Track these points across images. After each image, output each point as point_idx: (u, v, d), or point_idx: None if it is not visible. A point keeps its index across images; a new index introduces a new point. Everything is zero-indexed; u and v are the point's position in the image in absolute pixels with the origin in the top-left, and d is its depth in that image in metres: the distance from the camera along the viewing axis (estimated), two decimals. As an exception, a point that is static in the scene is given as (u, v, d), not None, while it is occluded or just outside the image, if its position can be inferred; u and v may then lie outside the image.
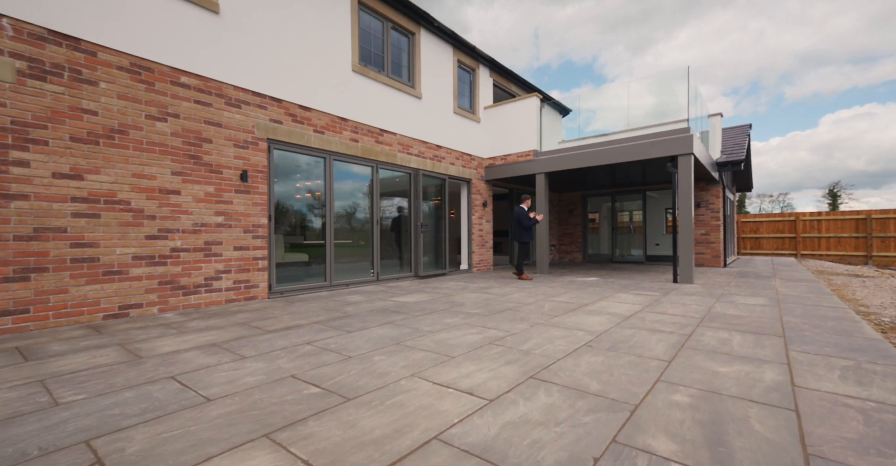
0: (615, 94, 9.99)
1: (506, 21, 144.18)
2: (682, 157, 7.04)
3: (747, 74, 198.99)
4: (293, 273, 5.94)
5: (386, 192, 7.58)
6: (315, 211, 6.16)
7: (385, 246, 7.60)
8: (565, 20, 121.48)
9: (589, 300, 5.33)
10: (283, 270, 5.82)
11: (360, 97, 6.71)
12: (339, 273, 6.50)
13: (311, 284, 5.97)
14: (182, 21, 4.48)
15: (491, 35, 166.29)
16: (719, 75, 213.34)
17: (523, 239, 7.82)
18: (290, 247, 6.00)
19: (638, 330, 3.63)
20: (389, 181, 7.59)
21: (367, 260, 7.02)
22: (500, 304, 5.00)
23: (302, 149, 5.82)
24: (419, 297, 5.54)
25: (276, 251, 5.81)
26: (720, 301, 5.24)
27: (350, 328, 3.69)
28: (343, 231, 6.71)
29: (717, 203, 10.53)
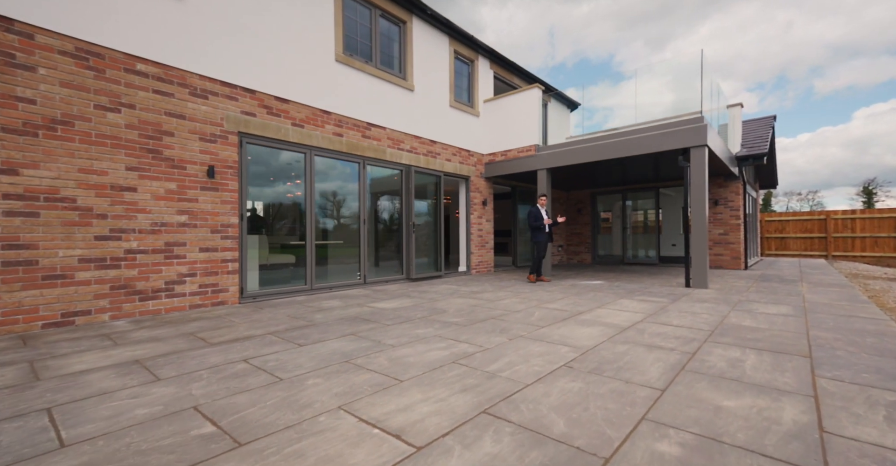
0: (634, 91, 9.48)
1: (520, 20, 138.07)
2: (694, 150, 6.43)
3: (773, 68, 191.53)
4: (273, 276, 5.60)
5: (378, 191, 7.18)
6: (296, 209, 5.80)
7: (376, 246, 7.21)
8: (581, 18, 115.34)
9: (586, 307, 4.81)
10: (264, 273, 5.48)
11: (345, 89, 6.32)
12: (322, 276, 6.13)
13: (290, 288, 5.60)
14: (138, 3, 4.15)
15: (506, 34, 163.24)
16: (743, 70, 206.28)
17: (535, 238, 7.44)
18: (273, 249, 5.66)
19: (633, 347, 3.12)
20: (380, 178, 7.18)
21: (354, 262, 6.63)
22: (485, 312, 4.54)
23: (279, 144, 5.46)
24: (400, 303, 5.11)
25: (258, 252, 5.48)
26: (736, 309, 4.66)
27: (305, 340, 3.28)
28: (328, 231, 6.34)
29: (737, 200, 9.80)
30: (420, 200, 7.97)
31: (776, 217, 16.71)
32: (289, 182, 5.75)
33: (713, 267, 10.01)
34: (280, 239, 5.73)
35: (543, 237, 7.42)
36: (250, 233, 5.27)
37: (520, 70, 10.20)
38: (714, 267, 9.98)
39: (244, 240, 5.04)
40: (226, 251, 4.80)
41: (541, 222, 7.34)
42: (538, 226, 7.37)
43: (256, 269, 5.37)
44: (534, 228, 7.42)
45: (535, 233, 7.43)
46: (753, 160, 9.36)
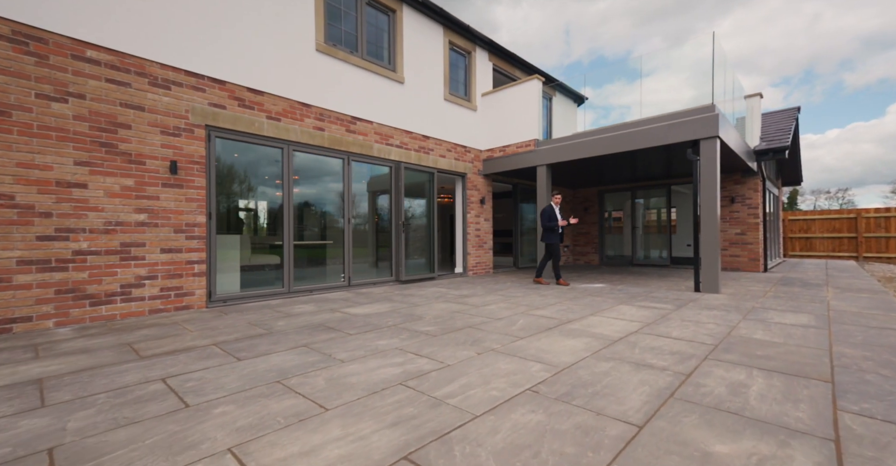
0: (651, 89, 8.99)
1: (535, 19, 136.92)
2: (704, 142, 5.89)
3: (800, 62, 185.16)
4: (250, 278, 5.30)
5: (366, 188, 6.83)
6: (273, 208, 5.48)
7: (364, 247, 6.86)
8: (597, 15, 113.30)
9: (578, 314, 4.36)
10: (237, 275, 5.18)
11: (327, 80, 5.99)
12: (302, 278, 5.81)
13: (265, 291, 5.29)
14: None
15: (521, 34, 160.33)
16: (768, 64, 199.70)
17: (546, 239, 7.03)
18: (248, 249, 5.36)
19: (618, 364, 2.67)
20: (368, 175, 6.83)
21: (339, 264, 6.29)
22: (465, 319, 4.13)
23: (252, 138, 5.15)
24: (377, 308, 4.74)
25: (233, 253, 5.19)
26: (748, 318, 4.14)
27: (248, 353, 2.93)
28: (309, 231, 6.01)
29: (756, 198, 9.13)
30: (412, 198, 7.60)
31: (800, 216, 15.79)
32: (265, 178, 5.44)
33: (730, 269, 9.37)
34: (256, 240, 5.43)
35: (556, 238, 6.98)
36: (221, 232, 4.98)
37: (522, 62, 9.73)
38: (731, 269, 9.34)
39: (213, 241, 4.74)
40: (191, 252, 4.50)
41: (554, 222, 6.91)
42: (551, 226, 6.94)
43: (232, 271, 5.08)
44: (546, 229, 7.00)
45: (547, 233, 7.01)
46: (774, 154, 8.70)
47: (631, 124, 6.71)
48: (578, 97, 12.11)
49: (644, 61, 8.12)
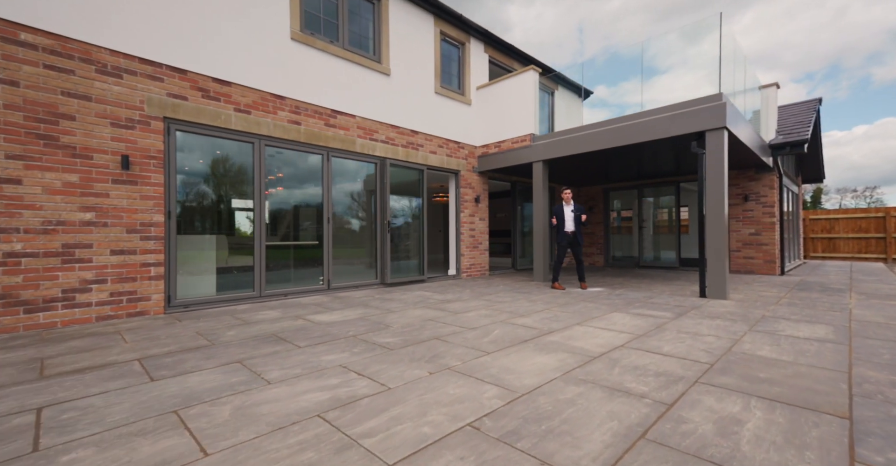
0: (667, 87, 8.51)
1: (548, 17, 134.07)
2: (711, 133, 5.37)
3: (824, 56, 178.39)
4: (218, 281, 4.99)
5: (351, 186, 6.48)
6: (245, 207, 5.17)
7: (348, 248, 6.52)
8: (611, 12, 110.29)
9: (562, 324, 3.92)
10: (209, 278, 4.89)
11: (304, 71, 5.65)
12: (276, 281, 5.48)
13: (234, 295, 4.98)
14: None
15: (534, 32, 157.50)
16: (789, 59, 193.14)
17: (556, 240, 6.69)
18: (219, 250, 5.06)
19: (589, 389, 2.25)
20: (354, 172, 6.48)
21: (320, 266, 5.95)
22: (435, 329, 3.74)
23: (219, 132, 4.84)
24: (346, 315, 4.38)
25: (206, 255, 4.90)
26: (755, 330, 3.65)
27: (170, 371, 2.59)
28: (285, 231, 5.69)
29: (772, 195, 8.51)
30: (402, 197, 7.23)
31: (823, 215, 14.94)
32: (235, 175, 5.13)
33: (743, 271, 8.76)
34: (225, 241, 5.11)
35: (561, 238, 6.57)
36: (186, 232, 4.68)
37: (520, 54, 9.28)
38: (744, 272, 8.73)
39: (172, 241, 4.44)
40: (147, 253, 4.21)
41: (562, 222, 6.53)
42: (558, 226, 6.60)
43: (196, 274, 4.78)
44: (556, 228, 6.66)
45: (557, 233, 6.66)
46: (791, 148, 8.08)
47: (632, 117, 6.22)
48: (584, 91, 11.57)
49: (659, 59, 7.70)
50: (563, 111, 10.71)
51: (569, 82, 10.95)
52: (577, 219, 6.46)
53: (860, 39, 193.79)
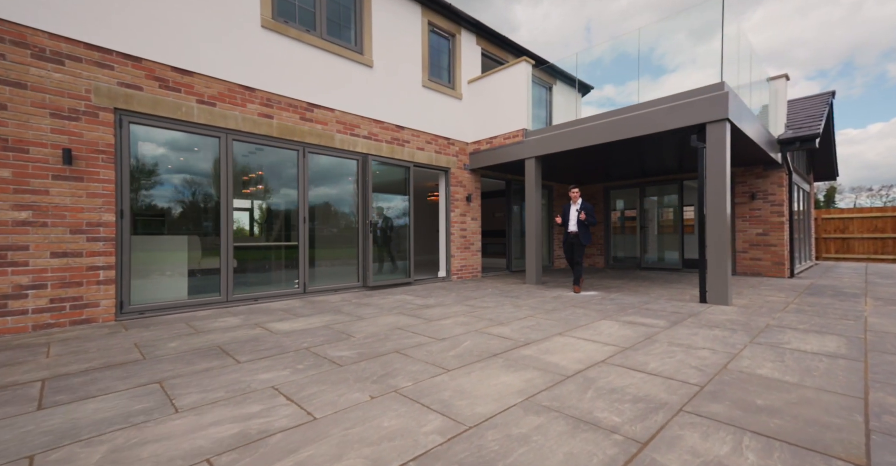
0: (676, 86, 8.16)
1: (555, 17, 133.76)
2: (711, 126, 4.97)
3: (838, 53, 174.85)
4: (198, 283, 4.71)
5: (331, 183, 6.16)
6: (210, 205, 4.87)
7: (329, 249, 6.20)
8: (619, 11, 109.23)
9: (543, 333, 3.56)
10: (173, 281, 4.60)
11: (276, 62, 5.34)
12: (248, 284, 5.18)
13: (198, 300, 4.68)
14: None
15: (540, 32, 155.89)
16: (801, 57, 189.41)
17: (562, 241, 6.55)
18: (188, 252, 4.77)
19: (553, 420, 1.89)
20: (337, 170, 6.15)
21: (296, 268, 5.64)
22: (400, 340, 3.40)
23: (179, 125, 4.54)
24: (311, 322, 4.05)
25: (189, 256, 4.62)
26: (757, 342, 3.26)
27: (70, 395, 2.28)
28: (257, 231, 5.39)
29: (780, 193, 8.04)
30: (387, 195, 6.90)
31: (836, 214, 14.33)
32: (200, 171, 4.83)
33: (749, 273, 8.30)
34: (200, 242, 4.81)
35: (564, 238, 6.39)
36: (144, 233, 4.39)
37: (515, 47, 8.89)
38: (751, 274, 8.27)
39: (125, 243, 4.15)
40: (95, 256, 3.91)
41: (565, 222, 6.31)
42: (563, 225, 6.37)
43: (157, 276, 4.49)
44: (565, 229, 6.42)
45: (563, 233, 6.46)
46: (801, 143, 7.60)
47: (628, 109, 5.82)
48: (583, 86, 11.15)
49: (667, 57, 7.43)
50: (561, 106, 10.30)
51: (567, 77, 10.54)
52: (580, 219, 6.10)
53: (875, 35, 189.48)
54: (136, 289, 4.27)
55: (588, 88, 11.24)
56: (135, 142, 4.27)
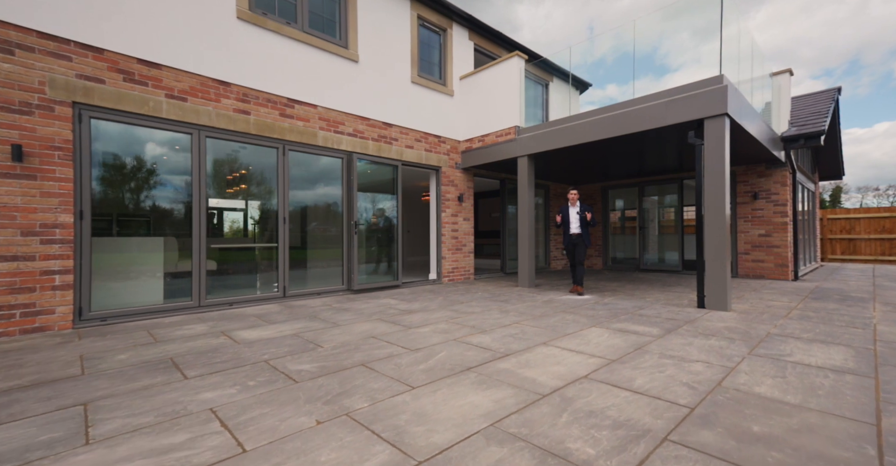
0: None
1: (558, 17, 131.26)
2: (710, 122, 4.70)
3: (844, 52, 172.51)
4: (175, 286, 4.49)
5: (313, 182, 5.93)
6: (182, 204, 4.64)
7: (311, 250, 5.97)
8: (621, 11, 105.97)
9: (525, 343, 3.30)
10: (162, 283, 4.38)
11: (254, 55, 5.11)
12: (224, 288, 4.96)
13: (168, 305, 4.46)
14: None
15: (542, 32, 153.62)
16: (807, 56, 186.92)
17: (563, 243, 6.37)
18: (181, 254, 4.55)
19: (517, 452, 1.65)
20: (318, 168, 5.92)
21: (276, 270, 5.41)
22: (371, 351, 3.16)
23: (147, 121, 4.31)
24: (280, 330, 3.82)
25: (165, 258, 4.41)
26: (757, 353, 2.99)
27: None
28: (232, 232, 5.16)
29: (784, 193, 7.75)
30: (374, 194, 6.66)
31: (842, 214, 13.99)
32: (173, 169, 4.60)
33: (752, 276, 8.01)
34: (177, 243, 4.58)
35: (566, 240, 6.23)
36: (110, 234, 4.16)
37: (509, 42, 8.63)
38: (753, 277, 7.98)
39: (84, 245, 3.92)
40: (50, 259, 3.69)
41: (566, 224, 6.20)
42: (563, 228, 6.24)
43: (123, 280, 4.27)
44: (562, 230, 6.31)
45: (563, 236, 6.29)
46: (806, 141, 7.31)
47: (622, 105, 5.56)
48: (581, 83, 10.89)
49: (671, 57, 7.22)
50: (558, 104, 10.04)
51: (565, 73, 10.27)
52: (584, 220, 6.08)
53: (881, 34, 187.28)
54: (98, 295, 4.04)
55: (586, 85, 10.99)
56: (97, 138, 4.05)
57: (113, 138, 4.16)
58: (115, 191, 4.21)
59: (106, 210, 4.14)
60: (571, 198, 6.22)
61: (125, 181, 4.29)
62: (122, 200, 4.26)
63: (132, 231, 4.37)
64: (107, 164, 4.14)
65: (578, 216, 6.12)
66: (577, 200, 6.22)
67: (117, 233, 4.24)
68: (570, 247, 6.22)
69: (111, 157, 4.17)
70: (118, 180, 4.23)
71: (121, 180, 4.25)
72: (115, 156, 4.20)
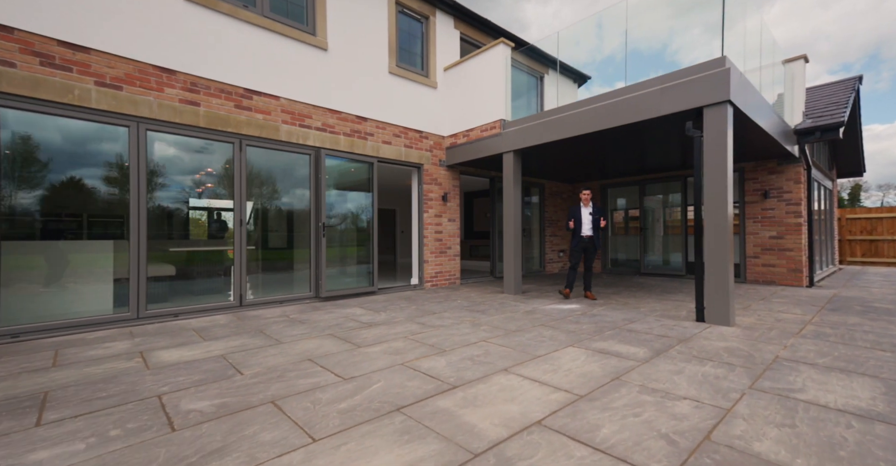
0: None
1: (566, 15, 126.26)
2: (710, 110, 4.12)
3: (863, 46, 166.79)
4: (99, 296, 4.07)
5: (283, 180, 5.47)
6: (117, 203, 4.20)
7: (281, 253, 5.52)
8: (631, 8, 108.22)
9: (484, 369, 2.79)
10: (112, 289, 3.96)
11: (204, 41, 4.66)
12: (171, 297, 4.53)
13: (99, 318, 4.02)
14: None
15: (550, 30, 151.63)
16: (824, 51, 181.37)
17: (571, 243, 5.96)
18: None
19: None
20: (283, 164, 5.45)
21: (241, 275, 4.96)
22: (295, 379, 2.67)
23: (73, 111, 3.87)
24: (206, 351, 3.35)
25: (104, 261, 3.97)
26: (760, 388, 2.43)
27: None
28: (182, 234, 4.72)
29: (797, 191, 7.09)
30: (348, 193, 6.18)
31: (862, 213, 13.16)
32: (106, 165, 4.16)
33: (762, 282, 7.37)
34: (98, 247, 4.15)
35: (578, 243, 5.84)
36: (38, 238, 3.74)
37: (498, 31, 8.07)
38: (763, 283, 7.34)
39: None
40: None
41: (578, 224, 5.83)
42: (574, 229, 5.86)
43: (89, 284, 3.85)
44: (572, 231, 5.91)
45: (572, 237, 5.91)
46: (822, 133, 6.65)
47: (614, 93, 5.00)
48: (579, 76, 10.29)
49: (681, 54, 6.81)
50: (553, 98, 9.45)
51: (563, 66, 9.68)
52: (597, 223, 5.74)
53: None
54: (13, 306, 3.61)
55: (585, 78, 10.38)
56: (6, 127, 3.60)
57: (29, 130, 3.72)
58: (31, 189, 3.77)
59: (19, 211, 3.70)
60: (584, 198, 5.86)
61: (45, 178, 3.85)
62: (40, 200, 3.82)
63: (59, 234, 3.93)
64: (21, 159, 3.70)
65: (591, 217, 5.79)
66: (590, 201, 5.88)
67: (40, 236, 3.81)
68: (580, 251, 5.86)
69: (26, 151, 3.73)
70: (39, 178, 3.80)
71: (40, 178, 3.81)
72: (31, 149, 3.76)
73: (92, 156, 4.04)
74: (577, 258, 5.88)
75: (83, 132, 3.98)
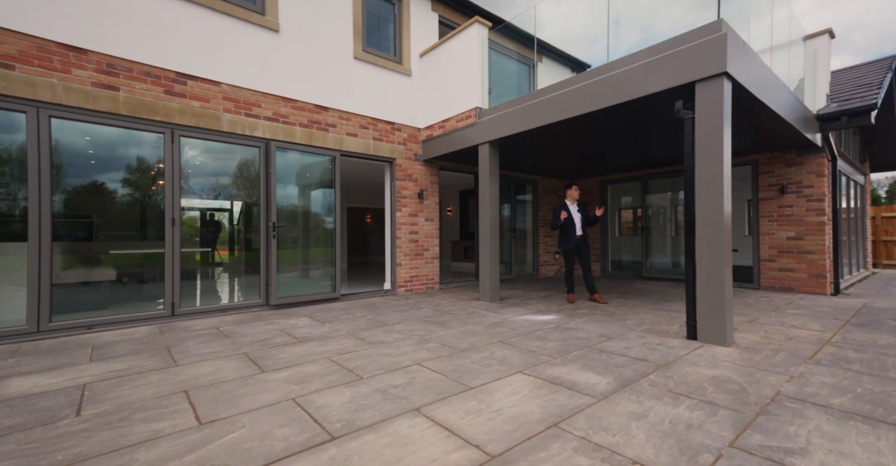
0: None
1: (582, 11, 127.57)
2: (702, 85, 3.40)
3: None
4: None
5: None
6: (12, 202, 3.74)
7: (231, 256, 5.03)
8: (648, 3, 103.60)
9: (393, 408, 2.17)
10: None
11: (126, 17, 4.17)
12: (89, 307, 4.06)
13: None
14: None
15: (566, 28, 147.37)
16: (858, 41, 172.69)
17: (559, 245, 5.58)
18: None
19: None
20: (229, 157, 4.94)
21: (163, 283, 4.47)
22: (141, 425, 2.13)
23: (-43, 98, 3.41)
24: (71, 377, 2.83)
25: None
26: (745, 444, 1.74)
27: None
28: (117, 234, 4.24)
29: (820, 185, 6.21)
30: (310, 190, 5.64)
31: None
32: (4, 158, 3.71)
33: (777, 288, 6.51)
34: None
35: (570, 243, 5.35)
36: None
37: (482, 13, 7.40)
38: (779, 290, 6.49)
39: None
40: None
41: (557, 222, 5.35)
42: (564, 228, 5.39)
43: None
44: (560, 232, 5.52)
45: (560, 238, 5.55)
46: (850, 119, 5.77)
47: (595, 72, 4.30)
48: (577, 63, 9.53)
49: None
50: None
51: (556, 52, 8.96)
52: (585, 220, 5.36)
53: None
54: None
55: (584, 66, 9.62)
56: None
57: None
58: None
59: None
60: (574, 194, 5.49)
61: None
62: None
63: None
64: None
65: (580, 215, 5.35)
66: (577, 197, 5.53)
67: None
68: (573, 253, 5.41)
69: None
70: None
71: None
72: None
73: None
74: (572, 261, 5.47)
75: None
